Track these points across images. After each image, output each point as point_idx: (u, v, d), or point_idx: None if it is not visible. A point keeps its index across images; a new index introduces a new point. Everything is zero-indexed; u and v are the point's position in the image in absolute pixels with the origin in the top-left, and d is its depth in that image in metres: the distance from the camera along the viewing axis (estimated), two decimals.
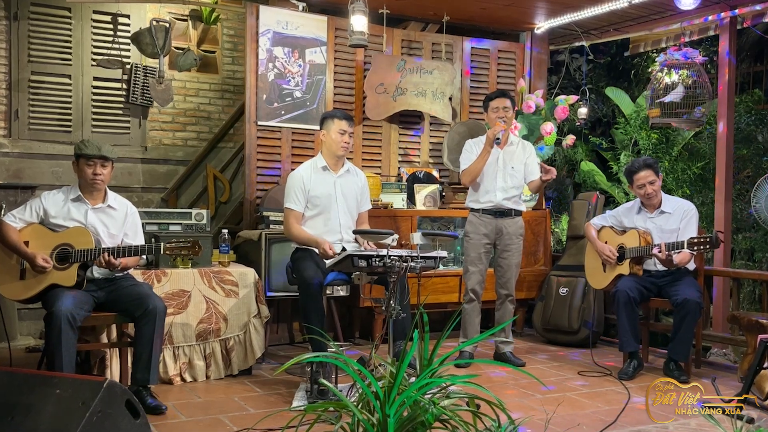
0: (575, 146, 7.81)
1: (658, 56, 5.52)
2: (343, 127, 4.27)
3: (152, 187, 6.15)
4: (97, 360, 4.06)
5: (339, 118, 4.28)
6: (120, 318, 3.78)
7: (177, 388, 4.12)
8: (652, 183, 4.55)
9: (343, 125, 4.27)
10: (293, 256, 4.30)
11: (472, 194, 4.81)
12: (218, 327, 4.31)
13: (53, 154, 5.72)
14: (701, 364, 4.88)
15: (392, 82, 5.71)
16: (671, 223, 4.55)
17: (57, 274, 3.60)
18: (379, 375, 2.32)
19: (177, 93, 6.11)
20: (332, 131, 4.27)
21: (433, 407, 2.15)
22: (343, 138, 4.27)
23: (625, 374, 4.45)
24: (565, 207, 8.54)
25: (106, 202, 3.82)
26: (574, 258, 5.71)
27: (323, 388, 3.58)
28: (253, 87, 5.30)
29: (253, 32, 5.30)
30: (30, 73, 5.67)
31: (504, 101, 4.69)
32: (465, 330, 4.79)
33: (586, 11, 5.74)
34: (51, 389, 2.53)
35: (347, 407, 2.17)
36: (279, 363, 4.75)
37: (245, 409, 3.70)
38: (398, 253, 3.48)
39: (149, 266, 4.30)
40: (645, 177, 4.55)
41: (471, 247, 4.75)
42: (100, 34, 5.89)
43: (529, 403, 3.87)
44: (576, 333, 5.46)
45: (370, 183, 4.89)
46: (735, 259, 7.46)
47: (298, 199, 4.25)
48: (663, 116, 5.36)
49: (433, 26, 6.07)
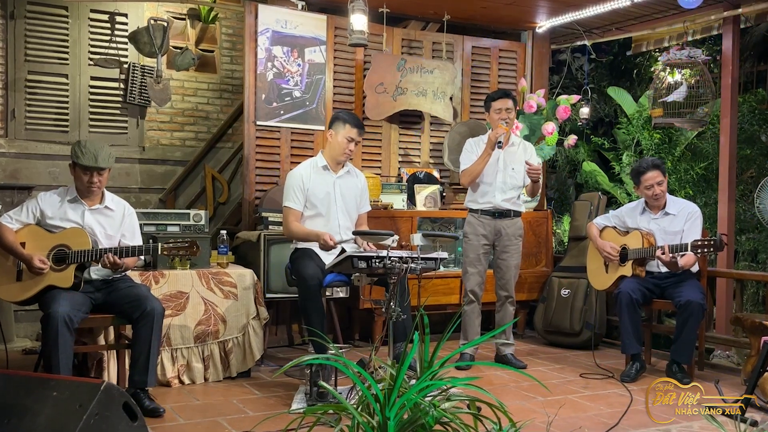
0: (577, 146, 7.80)
1: (660, 55, 5.52)
2: (353, 135, 4.24)
3: (150, 187, 6.15)
4: (94, 362, 4.06)
5: (351, 125, 4.24)
6: (117, 320, 3.78)
7: (175, 390, 4.12)
8: (660, 184, 4.55)
9: (352, 133, 4.24)
10: (292, 257, 4.30)
11: (471, 195, 4.81)
12: (217, 329, 4.31)
13: (50, 155, 5.72)
14: (704, 367, 4.89)
15: (392, 82, 5.71)
16: (675, 225, 4.55)
17: (54, 275, 3.60)
18: (379, 377, 2.31)
19: (175, 92, 6.11)
20: (340, 135, 4.25)
21: (434, 410, 2.15)
22: (348, 145, 4.25)
23: (627, 377, 4.45)
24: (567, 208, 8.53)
25: (103, 203, 3.82)
26: (575, 259, 5.71)
27: (323, 390, 3.58)
28: (252, 86, 5.30)
29: (252, 31, 5.30)
30: (27, 72, 5.67)
31: (507, 102, 4.68)
32: (465, 332, 4.80)
33: (588, 10, 5.74)
34: (48, 392, 2.53)
35: (347, 410, 2.17)
36: (278, 365, 4.75)
37: (244, 412, 3.70)
38: (398, 254, 3.48)
39: (147, 267, 4.30)
40: (653, 177, 4.55)
41: (470, 248, 4.75)
42: (97, 33, 5.90)
43: (530, 406, 3.87)
44: (578, 335, 5.46)
45: (370, 183, 4.89)
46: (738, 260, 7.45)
47: (297, 198, 4.24)
48: (665, 116, 5.37)
49: (433, 25, 6.07)
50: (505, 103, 4.68)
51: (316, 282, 3.96)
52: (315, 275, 3.97)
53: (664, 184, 4.58)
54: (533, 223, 5.81)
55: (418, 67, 5.81)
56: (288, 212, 4.25)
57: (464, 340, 4.79)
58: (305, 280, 3.97)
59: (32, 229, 3.68)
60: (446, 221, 5.71)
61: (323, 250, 4.11)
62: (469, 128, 5.83)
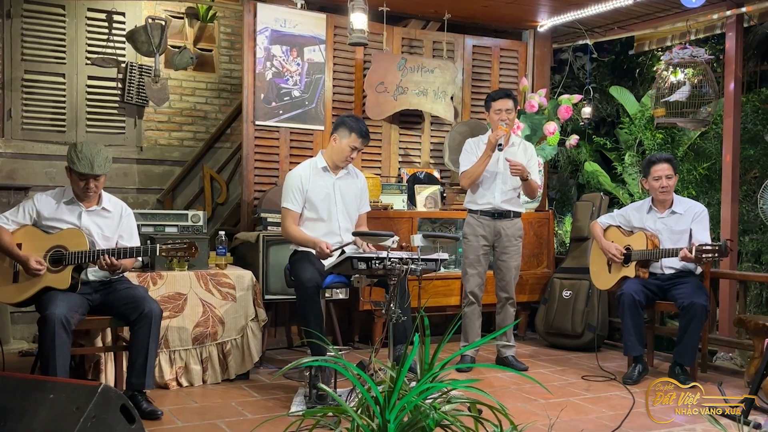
0: (579, 146, 7.81)
1: (663, 55, 5.52)
2: (357, 145, 4.24)
3: (148, 188, 6.16)
4: (91, 364, 4.06)
5: (358, 135, 4.22)
6: (115, 321, 3.78)
7: (173, 392, 4.12)
8: (669, 177, 4.55)
9: (357, 143, 4.24)
10: (291, 258, 4.29)
11: (470, 195, 4.81)
12: (215, 331, 4.31)
13: (47, 155, 5.73)
14: (707, 369, 4.88)
15: (393, 81, 5.71)
16: (682, 224, 4.55)
17: (51, 276, 3.60)
18: (379, 379, 2.31)
19: (173, 92, 6.11)
20: (345, 142, 4.23)
21: (434, 412, 2.15)
22: (351, 153, 4.26)
23: (629, 379, 4.45)
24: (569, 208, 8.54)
25: (100, 204, 3.82)
26: (577, 260, 5.71)
27: (322, 392, 3.58)
28: (251, 86, 5.30)
29: (251, 30, 5.31)
30: (23, 71, 5.68)
31: (507, 102, 4.66)
32: (466, 334, 4.80)
33: (590, 9, 5.74)
34: (44, 394, 2.53)
35: (346, 412, 2.17)
36: (277, 367, 4.75)
37: (242, 415, 3.70)
38: (398, 255, 3.48)
39: (145, 269, 4.31)
40: (664, 169, 4.56)
41: (469, 249, 4.75)
42: (94, 32, 5.90)
43: (532, 408, 3.87)
44: (580, 337, 5.46)
45: (370, 184, 4.89)
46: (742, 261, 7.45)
47: (295, 199, 4.24)
48: (668, 116, 5.37)
49: (434, 24, 6.07)
50: (506, 103, 4.66)
51: (314, 285, 3.96)
52: (313, 279, 3.97)
53: (672, 180, 4.58)
54: (534, 224, 5.81)
55: (418, 67, 5.81)
56: (286, 213, 4.25)
57: (465, 342, 4.79)
58: (303, 284, 3.96)
59: (29, 230, 3.68)
60: (447, 222, 5.71)
61: (320, 258, 4.11)
62: (470, 128, 5.83)
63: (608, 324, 5.65)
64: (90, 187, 3.69)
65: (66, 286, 3.59)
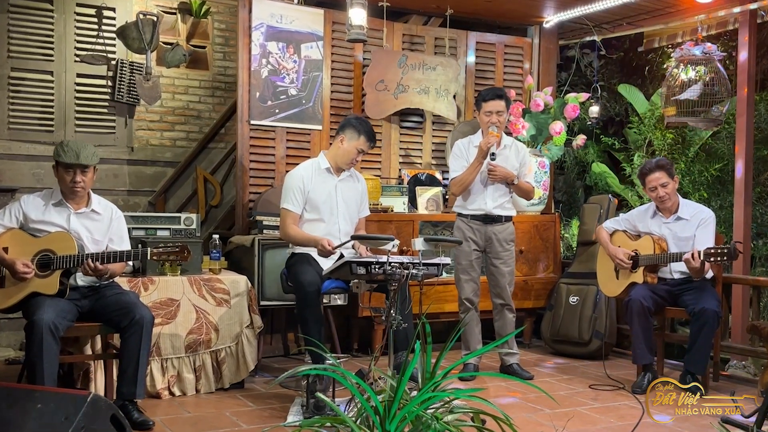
0: (586, 147, 7.80)
1: (673, 51, 5.52)
2: (365, 148, 4.29)
3: (139, 189, 6.16)
4: (80, 373, 4.07)
5: (365, 138, 4.26)
6: (105, 328, 3.79)
7: (165, 402, 4.13)
8: (664, 186, 4.53)
9: (365, 146, 4.28)
10: (288, 262, 4.30)
11: (460, 200, 4.79)
12: (209, 338, 4.32)
13: (34, 155, 5.73)
14: (719, 377, 4.88)
15: (393, 79, 5.72)
16: (687, 230, 4.53)
17: (38, 281, 3.60)
18: (379, 389, 2.32)
19: (165, 90, 6.12)
20: (351, 144, 4.26)
21: (436, 423, 2.16)
22: (357, 156, 4.29)
23: (638, 388, 4.45)
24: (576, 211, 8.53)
25: (89, 207, 3.82)
26: (584, 265, 5.71)
27: (320, 402, 3.58)
28: (246, 84, 5.31)
29: (246, 26, 5.32)
30: (9, 69, 5.68)
31: (498, 104, 4.59)
32: (466, 341, 4.79)
33: (598, 4, 5.75)
34: (32, 403, 2.54)
35: (345, 423, 2.17)
36: (273, 376, 4.76)
37: (237, 425, 3.70)
38: (399, 259, 3.49)
39: (136, 274, 4.31)
40: (657, 179, 4.54)
41: (461, 254, 4.72)
42: (83, 28, 5.91)
43: (537, 419, 3.87)
44: (587, 344, 5.46)
45: (370, 185, 4.90)
46: (755, 266, 7.45)
47: (296, 200, 4.24)
48: (679, 115, 5.37)
49: (435, 20, 6.09)
50: (496, 105, 4.58)
51: (314, 288, 3.96)
52: (313, 281, 3.97)
53: (669, 186, 4.55)
54: (540, 227, 5.82)
55: (420, 64, 5.82)
56: (286, 214, 4.26)
57: (466, 350, 4.79)
58: (303, 287, 3.97)
59: (15, 234, 3.69)
60: (449, 225, 5.71)
61: (322, 256, 4.12)
62: (473, 128, 5.82)
63: (616, 331, 5.65)
64: (77, 181, 3.69)
65: (54, 292, 3.59)
